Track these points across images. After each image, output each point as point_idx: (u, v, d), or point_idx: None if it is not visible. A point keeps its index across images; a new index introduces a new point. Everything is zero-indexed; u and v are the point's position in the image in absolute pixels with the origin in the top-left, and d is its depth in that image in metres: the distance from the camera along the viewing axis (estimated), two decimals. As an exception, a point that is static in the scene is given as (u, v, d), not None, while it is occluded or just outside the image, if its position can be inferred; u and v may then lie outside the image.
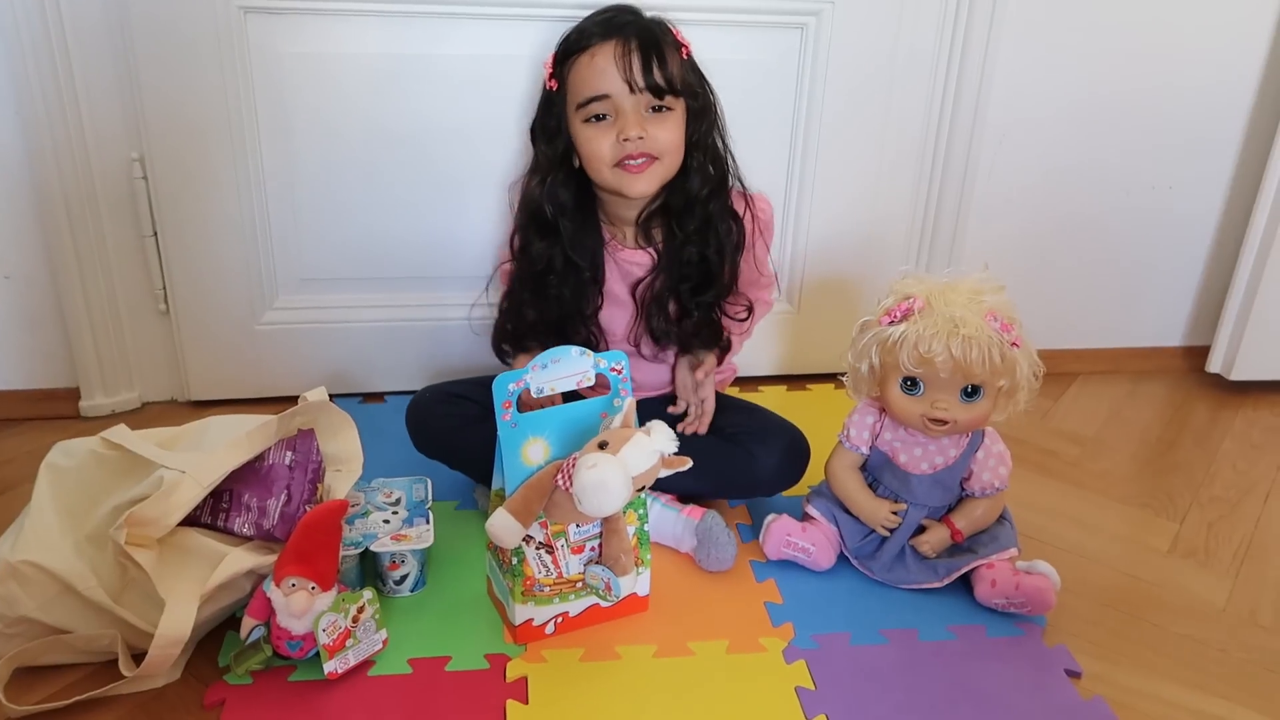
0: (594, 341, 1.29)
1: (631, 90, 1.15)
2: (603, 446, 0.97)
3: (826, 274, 1.67)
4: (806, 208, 1.62)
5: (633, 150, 1.16)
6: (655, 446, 0.98)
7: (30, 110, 1.34)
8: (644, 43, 1.15)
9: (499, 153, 1.48)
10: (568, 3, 1.37)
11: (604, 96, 1.16)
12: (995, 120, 1.61)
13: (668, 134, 1.18)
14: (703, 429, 1.29)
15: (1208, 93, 1.66)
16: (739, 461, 1.25)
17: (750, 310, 1.33)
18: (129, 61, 1.35)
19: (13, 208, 1.41)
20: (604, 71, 1.15)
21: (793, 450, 1.26)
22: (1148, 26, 1.59)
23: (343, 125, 1.44)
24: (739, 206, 1.27)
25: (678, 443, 1.00)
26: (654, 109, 1.17)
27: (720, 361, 1.35)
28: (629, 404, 1.02)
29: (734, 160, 1.27)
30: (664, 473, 1.01)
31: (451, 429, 1.26)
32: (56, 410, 1.52)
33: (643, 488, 1.00)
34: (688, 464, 1.02)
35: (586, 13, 1.25)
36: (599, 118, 1.18)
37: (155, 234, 1.45)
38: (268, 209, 1.47)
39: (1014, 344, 1.08)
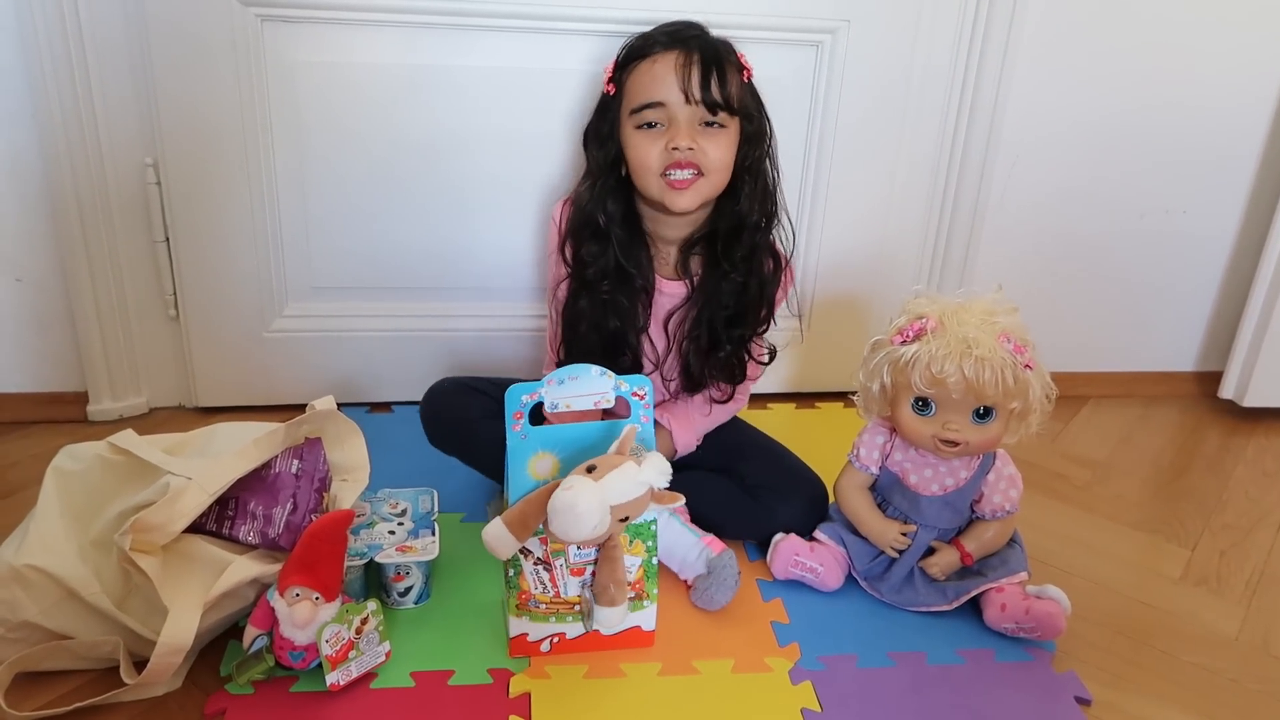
0: (640, 365, 1.26)
1: (687, 100, 1.14)
2: (590, 470, 0.95)
3: (837, 292, 1.67)
4: (818, 225, 1.61)
5: (681, 159, 1.14)
6: (643, 478, 0.96)
7: (46, 114, 1.35)
8: (706, 57, 1.14)
9: (513, 165, 1.49)
10: (590, 17, 1.38)
11: (659, 104, 1.15)
12: (1009, 141, 1.60)
13: (717, 150, 1.16)
14: None
15: (1223, 116, 1.65)
16: (759, 517, 1.24)
17: (773, 355, 1.32)
18: (145, 67, 1.35)
19: (26, 211, 1.41)
20: (662, 79, 1.14)
21: (814, 504, 1.25)
22: (1163, 49, 1.59)
23: (357, 134, 1.44)
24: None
25: (670, 476, 0.97)
26: (707, 124, 1.16)
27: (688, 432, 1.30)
28: (627, 430, 0.99)
29: (783, 194, 1.25)
30: (656, 508, 1.00)
31: (466, 419, 1.24)
32: (64, 414, 1.52)
33: (626, 518, 0.98)
34: (680, 500, 1.00)
35: (607, 27, 1.25)
36: (651, 125, 1.16)
37: (167, 239, 1.46)
38: (279, 216, 1.47)
39: (1027, 366, 1.07)
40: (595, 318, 1.23)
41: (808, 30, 1.48)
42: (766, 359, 1.32)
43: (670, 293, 1.26)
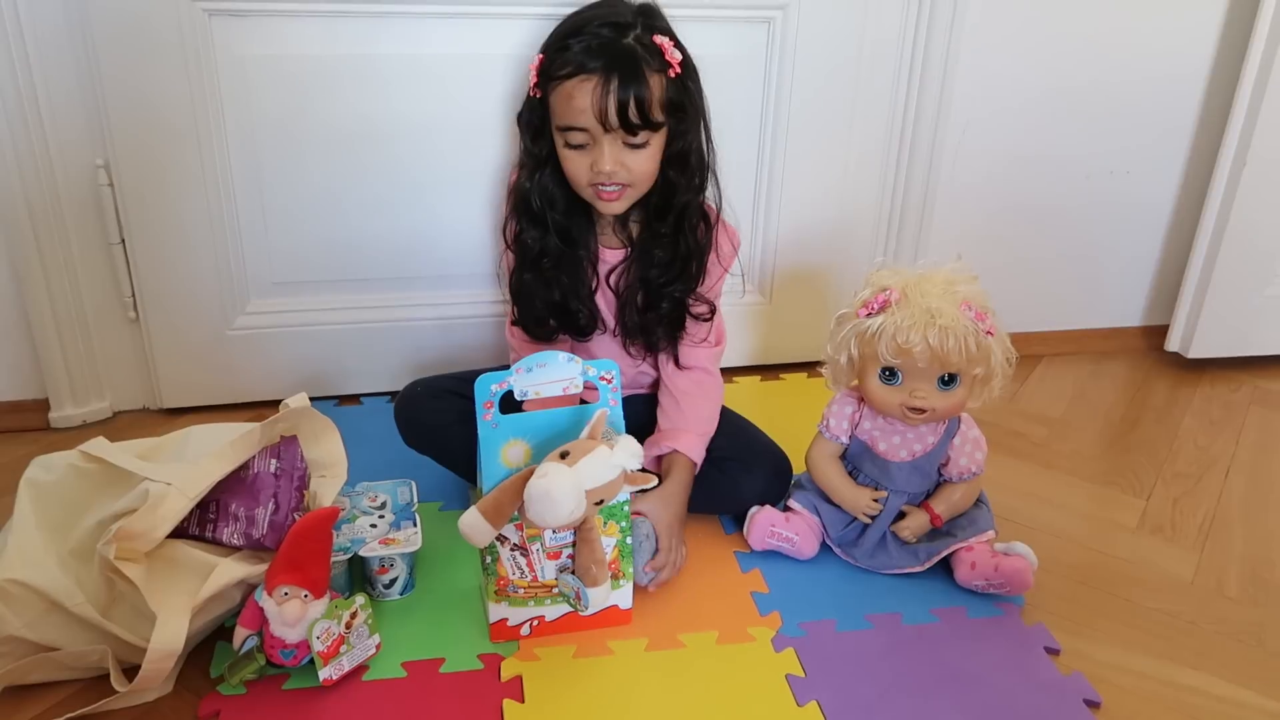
0: (596, 324, 1.29)
1: (606, 130, 1.14)
2: (564, 456, 0.97)
3: (797, 264, 1.69)
4: (776, 199, 1.63)
5: (605, 180, 1.16)
6: (616, 461, 0.97)
7: (-11, 118, 1.32)
8: (623, 78, 1.13)
9: (467, 153, 1.48)
10: (541, 1, 1.37)
11: (580, 128, 1.15)
12: (959, 110, 1.63)
13: (641, 164, 1.17)
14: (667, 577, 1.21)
15: (1163, 81, 1.70)
16: (724, 488, 1.27)
17: (713, 311, 1.32)
18: (91, 66, 1.32)
19: (-26, 217, 1.38)
20: (581, 109, 1.14)
21: (777, 475, 1.28)
22: (1105, 18, 1.63)
23: (310, 127, 1.42)
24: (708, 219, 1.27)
25: (641, 458, 0.99)
26: (629, 144, 1.16)
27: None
28: (598, 415, 1.00)
29: (715, 154, 1.26)
30: (629, 489, 1.02)
31: (441, 425, 1.26)
32: (25, 423, 1.49)
33: (600, 501, 0.99)
34: (652, 481, 1.03)
35: (557, 9, 1.24)
36: (577, 145, 1.17)
37: (123, 241, 1.43)
38: (237, 213, 1.45)
39: (988, 332, 1.10)
40: (539, 290, 1.26)
41: (758, 6, 1.49)
42: (707, 315, 1.32)
43: (611, 260, 1.28)
